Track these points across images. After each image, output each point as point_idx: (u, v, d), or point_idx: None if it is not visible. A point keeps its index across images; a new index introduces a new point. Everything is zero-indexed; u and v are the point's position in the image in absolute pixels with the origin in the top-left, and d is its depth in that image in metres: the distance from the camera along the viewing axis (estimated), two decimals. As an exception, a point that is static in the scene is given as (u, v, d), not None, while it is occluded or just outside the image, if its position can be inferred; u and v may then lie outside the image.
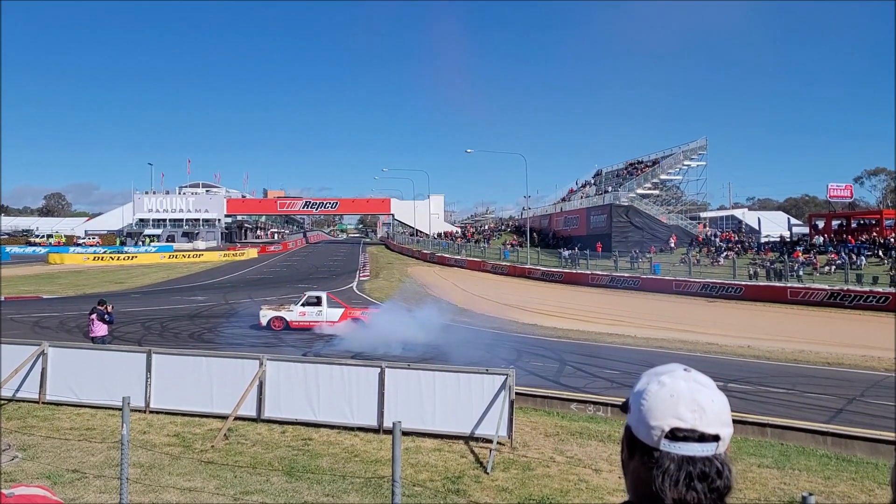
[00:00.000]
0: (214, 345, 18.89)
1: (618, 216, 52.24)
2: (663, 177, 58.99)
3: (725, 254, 42.88)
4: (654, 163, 60.56)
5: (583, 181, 74.71)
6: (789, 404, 13.33)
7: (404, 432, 7.19)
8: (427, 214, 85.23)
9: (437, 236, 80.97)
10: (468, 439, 10.03)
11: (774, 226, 58.65)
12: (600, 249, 49.10)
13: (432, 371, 10.79)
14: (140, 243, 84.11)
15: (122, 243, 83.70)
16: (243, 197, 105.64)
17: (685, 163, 57.93)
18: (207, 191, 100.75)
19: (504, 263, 53.92)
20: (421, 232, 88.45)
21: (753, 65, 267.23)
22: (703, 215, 61.60)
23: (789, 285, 33.79)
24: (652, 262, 43.31)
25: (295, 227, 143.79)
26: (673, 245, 48.15)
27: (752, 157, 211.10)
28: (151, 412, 11.05)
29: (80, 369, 11.73)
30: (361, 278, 44.51)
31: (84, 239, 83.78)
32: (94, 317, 15.96)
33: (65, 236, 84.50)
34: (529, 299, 32.70)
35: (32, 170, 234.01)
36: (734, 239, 47.52)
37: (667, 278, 39.04)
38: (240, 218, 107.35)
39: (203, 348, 17.04)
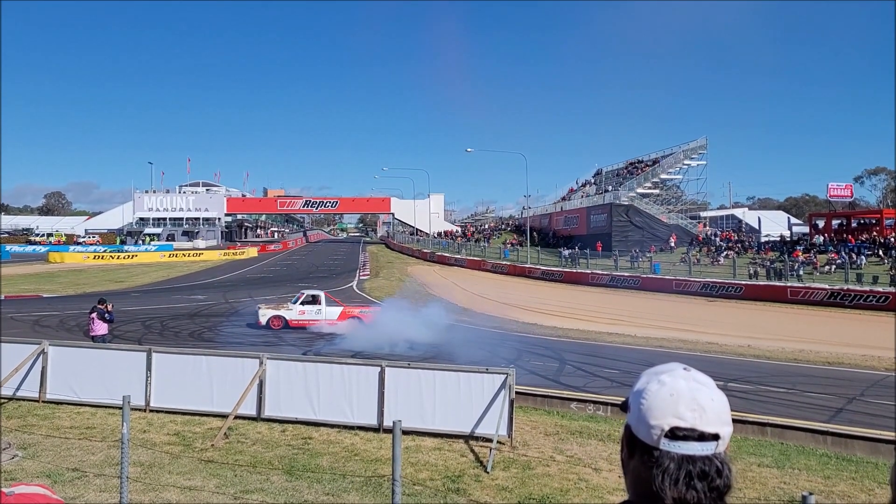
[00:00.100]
0: (214, 344, 18.90)
1: (618, 215, 52.23)
2: (663, 176, 58.96)
3: (725, 253, 42.88)
4: (655, 162, 60.54)
5: (583, 180, 74.72)
6: (789, 404, 13.34)
7: (404, 431, 7.19)
8: (427, 213, 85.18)
9: (437, 235, 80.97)
10: (468, 438, 10.03)
11: (775, 225, 58.64)
12: (600, 249, 49.09)
13: (432, 370, 10.80)
14: (140, 242, 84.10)
15: (123, 242, 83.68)
16: (243, 196, 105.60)
17: (685, 162, 57.90)
18: (207, 190, 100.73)
19: (504, 263, 53.92)
20: (421, 231, 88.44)
21: (753, 65, 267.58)
22: (703, 215, 61.59)
23: (789, 285, 33.79)
24: (652, 262, 43.30)
25: (295, 226, 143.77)
26: (673, 244, 48.13)
27: (752, 156, 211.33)
28: (151, 411, 11.06)
29: (81, 368, 11.73)
30: (361, 277, 44.50)
31: (84, 238, 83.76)
32: (94, 315, 15.96)
33: (65, 235, 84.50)
34: (529, 298, 32.70)
35: (33, 168, 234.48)
36: (734, 238, 47.51)
37: (667, 278, 39.04)
38: (240, 217, 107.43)
39: (203, 347, 17.03)
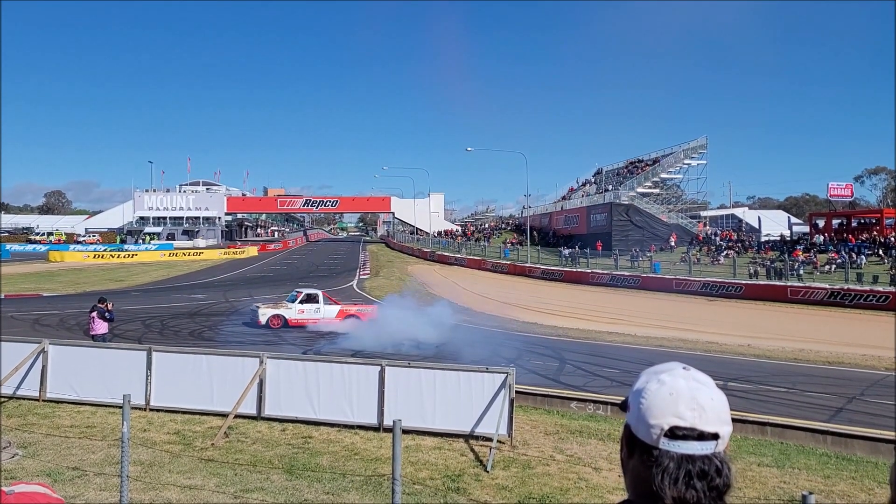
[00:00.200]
0: (214, 343, 18.92)
1: (618, 215, 52.21)
2: (664, 175, 58.92)
3: (726, 252, 42.86)
4: (655, 161, 60.50)
5: (583, 180, 74.67)
6: (789, 403, 13.34)
7: (404, 430, 7.19)
8: (427, 213, 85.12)
9: (437, 235, 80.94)
10: (468, 438, 10.04)
11: (775, 225, 58.61)
12: (600, 248, 49.07)
13: (432, 369, 10.80)
14: (140, 241, 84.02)
15: (123, 241, 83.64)
16: (243, 195, 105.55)
17: (685, 161, 57.86)
18: (208, 189, 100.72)
19: (504, 262, 53.92)
20: (421, 230, 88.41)
21: (753, 64, 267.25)
22: (703, 214, 61.53)
23: (789, 284, 33.78)
24: (652, 261, 43.29)
25: (295, 226, 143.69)
26: (673, 244, 48.11)
27: (752, 155, 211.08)
28: (152, 410, 11.06)
29: (81, 367, 11.73)
30: (362, 276, 44.52)
31: (84, 237, 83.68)
32: (94, 314, 15.96)
33: (65, 234, 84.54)
34: (530, 298, 32.71)
35: (33, 167, 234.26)
36: (734, 238, 47.48)
37: (667, 277, 39.04)
38: (240, 216, 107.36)
39: (203, 346, 17.04)
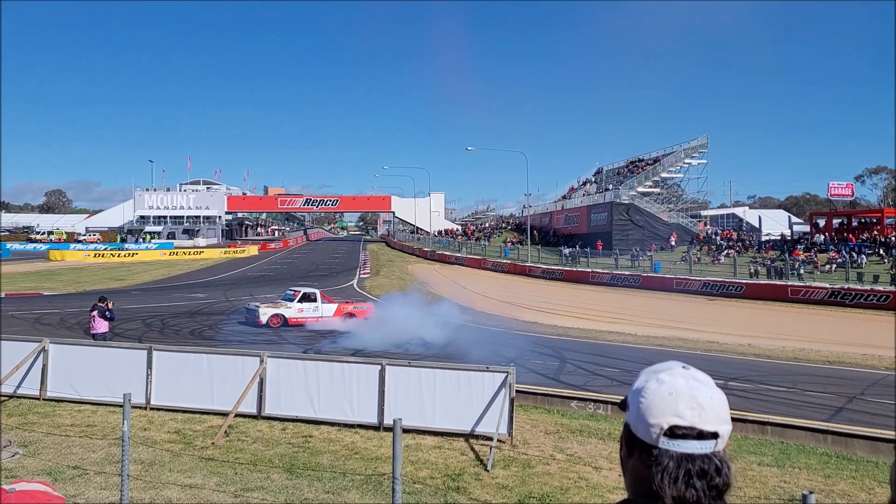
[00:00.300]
0: (215, 342, 18.93)
1: (618, 214, 52.21)
2: (664, 175, 58.91)
3: (726, 252, 42.86)
4: (655, 161, 60.48)
5: (584, 179, 74.70)
6: (789, 402, 13.35)
7: (404, 430, 7.19)
8: (428, 212, 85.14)
9: (437, 234, 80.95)
10: (468, 437, 10.04)
11: (775, 224, 58.55)
12: (601, 247, 49.06)
13: (433, 368, 10.80)
14: (141, 240, 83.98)
15: (123, 240, 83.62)
16: (244, 194, 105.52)
17: (686, 161, 57.85)
18: (208, 188, 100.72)
19: (504, 261, 53.92)
20: (421, 230, 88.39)
21: (754, 64, 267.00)
22: (703, 213, 61.54)
23: (790, 284, 33.77)
24: (652, 261, 43.29)
25: (295, 225, 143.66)
26: (674, 243, 48.12)
27: (752, 155, 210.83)
28: (152, 409, 11.06)
29: (81, 366, 11.74)
30: (362, 276, 44.52)
31: (85, 236, 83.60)
32: (95, 313, 15.97)
33: (65, 233, 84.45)
34: (530, 297, 32.69)
35: (33, 166, 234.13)
36: (735, 237, 47.49)
37: (667, 276, 39.03)
38: (240, 215, 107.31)
39: (204, 345, 17.05)
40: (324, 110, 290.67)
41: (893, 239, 37.09)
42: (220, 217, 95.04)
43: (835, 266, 35.49)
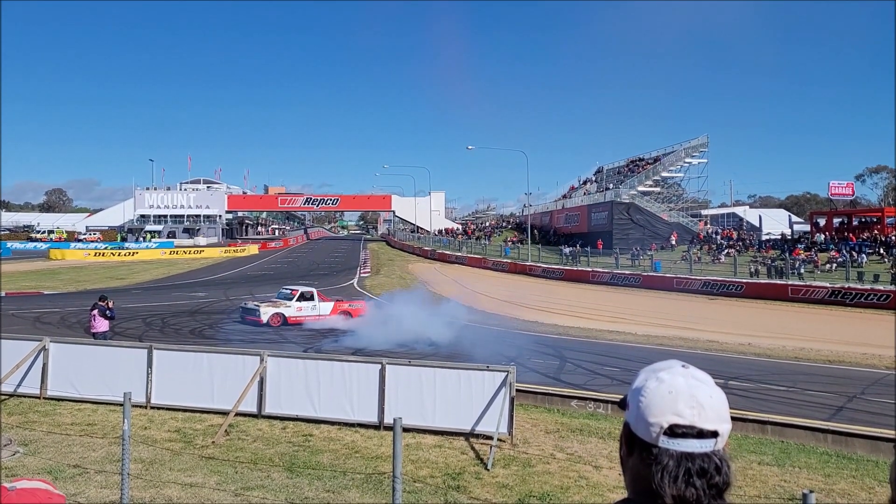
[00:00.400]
0: (215, 341, 18.94)
1: (619, 213, 52.20)
2: (664, 174, 58.91)
3: (726, 251, 42.85)
4: (656, 160, 60.47)
5: (584, 178, 74.64)
6: (790, 402, 13.35)
7: (405, 429, 7.19)
8: (428, 211, 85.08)
9: (437, 233, 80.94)
10: (469, 436, 10.04)
11: (775, 223, 58.49)
12: (601, 247, 49.05)
13: (433, 367, 10.80)
14: (141, 239, 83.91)
15: (123, 239, 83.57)
16: (244, 193, 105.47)
17: (686, 160, 57.84)
18: (208, 187, 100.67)
19: (505, 260, 53.90)
20: (422, 229, 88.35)
21: (754, 64, 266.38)
22: (704, 213, 61.49)
23: (790, 283, 33.77)
24: (653, 260, 43.27)
25: (296, 224, 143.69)
26: (674, 242, 48.11)
27: (753, 154, 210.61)
28: (152, 408, 11.07)
29: (82, 365, 11.75)
30: (362, 275, 44.53)
31: (85, 235, 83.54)
32: (95, 312, 15.98)
33: (66, 232, 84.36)
34: (530, 296, 32.69)
35: (33, 166, 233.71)
36: (735, 236, 47.49)
37: (668, 276, 39.02)
38: (240, 214, 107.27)
39: (204, 344, 17.06)
40: (324, 109, 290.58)
41: (894, 238, 37.09)
42: (220, 216, 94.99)
43: (835, 265, 35.49)
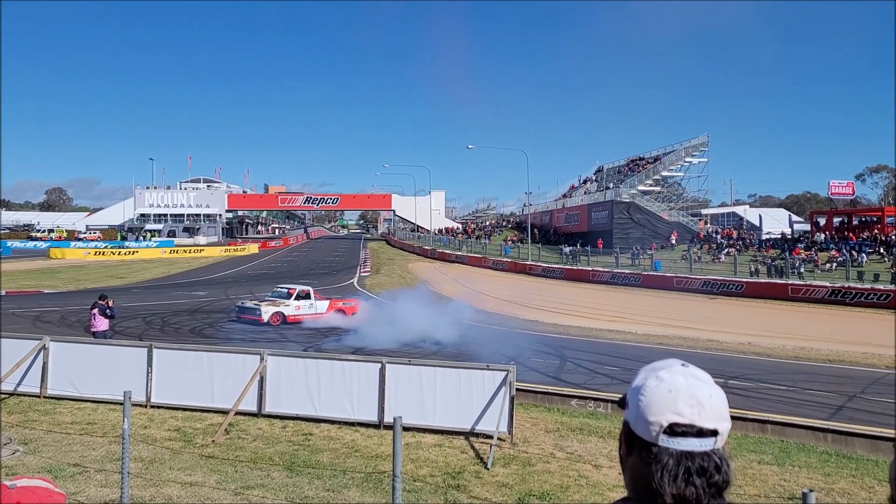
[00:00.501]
0: (215, 340, 18.94)
1: (619, 213, 52.21)
2: (665, 173, 58.90)
3: (727, 250, 42.84)
4: (656, 159, 60.46)
5: (584, 178, 74.62)
6: (790, 401, 13.35)
7: (405, 428, 7.19)
8: (428, 210, 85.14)
9: (438, 232, 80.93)
10: (469, 435, 10.04)
11: (776, 223, 58.48)
12: (601, 246, 49.05)
13: (433, 367, 10.80)
14: (141, 238, 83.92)
15: (123, 238, 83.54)
16: (244, 192, 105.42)
17: (686, 159, 57.84)
18: (208, 186, 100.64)
19: (505, 260, 53.89)
20: (422, 228, 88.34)
21: (754, 64, 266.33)
22: (704, 212, 61.49)
23: (790, 282, 33.77)
24: (653, 259, 43.28)
25: (296, 223, 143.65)
26: (674, 242, 48.11)
27: (753, 154, 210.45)
28: (152, 407, 11.07)
29: (82, 364, 11.75)
30: (362, 274, 44.55)
31: (85, 234, 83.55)
32: (95, 311, 15.97)
33: (66, 231, 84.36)
34: (530, 295, 32.69)
35: (34, 165, 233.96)
36: (735, 236, 47.49)
37: (668, 275, 39.02)
38: (241, 213, 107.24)
39: (204, 343, 17.07)
40: (324, 109, 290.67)
41: (894, 238, 37.08)
42: (220, 215, 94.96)
43: (835, 265, 35.48)
